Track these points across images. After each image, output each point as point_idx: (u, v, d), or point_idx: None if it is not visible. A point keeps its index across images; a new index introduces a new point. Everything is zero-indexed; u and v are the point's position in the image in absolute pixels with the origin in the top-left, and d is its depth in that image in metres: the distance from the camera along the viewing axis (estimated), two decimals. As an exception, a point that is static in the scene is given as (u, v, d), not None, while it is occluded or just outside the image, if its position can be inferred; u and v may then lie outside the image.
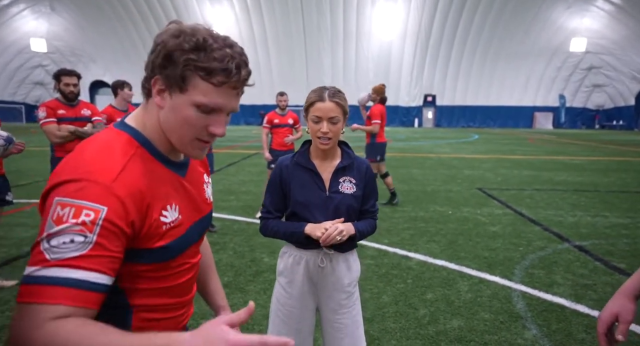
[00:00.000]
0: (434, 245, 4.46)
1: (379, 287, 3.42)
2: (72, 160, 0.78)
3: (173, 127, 0.86)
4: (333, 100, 1.55)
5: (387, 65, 35.66)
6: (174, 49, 0.80)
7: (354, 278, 1.72)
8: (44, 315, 0.66)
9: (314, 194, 1.61)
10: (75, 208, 0.70)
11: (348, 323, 1.69)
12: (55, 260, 0.68)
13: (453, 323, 2.86)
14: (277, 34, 34.22)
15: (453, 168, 10.42)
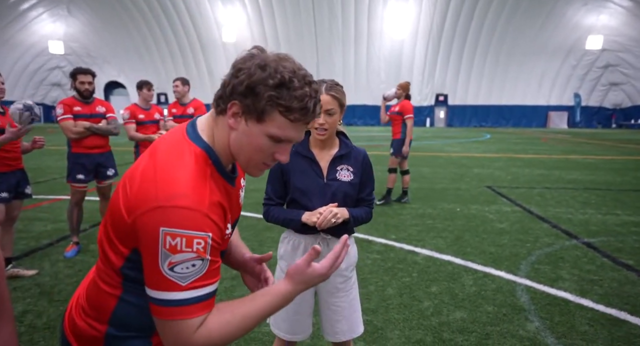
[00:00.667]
0: (440, 241, 4.50)
1: (384, 280, 3.48)
2: (162, 182, 0.80)
3: (244, 150, 0.90)
4: (329, 93, 1.63)
5: (398, 64, 35.54)
6: (259, 83, 0.83)
7: (351, 262, 1.79)
8: (193, 325, 0.81)
9: (313, 181, 1.68)
10: (187, 238, 0.78)
11: (345, 306, 1.76)
12: (187, 285, 0.80)
13: (456, 315, 2.91)
14: (289, 34, 34.40)
15: (463, 166, 10.39)
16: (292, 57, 0.89)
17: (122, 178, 0.89)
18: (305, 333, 1.82)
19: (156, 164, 0.83)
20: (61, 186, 6.94)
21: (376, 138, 20.97)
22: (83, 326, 0.93)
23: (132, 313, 0.91)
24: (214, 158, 0.90)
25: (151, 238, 0.79)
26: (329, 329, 1.80)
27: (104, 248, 0.90)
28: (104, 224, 0.91)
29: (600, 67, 35.88)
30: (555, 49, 34.86)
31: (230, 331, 0.84)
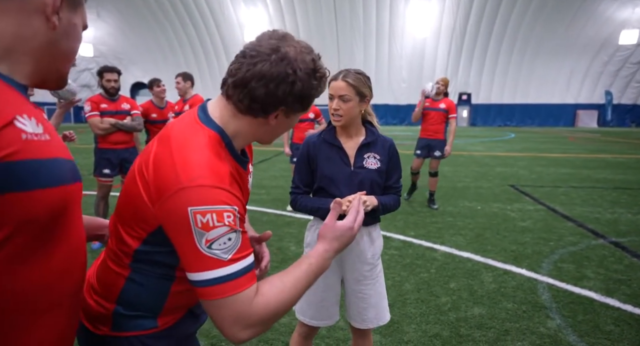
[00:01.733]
0: (460, 238, 4.44)
1: (402, 276, 3.46)
2: (182, 165, 0.82)
3: (276, 133, 1.01)
4: (345, 80, 1.64)
5: (420, 63, 35.11)
6: (310, 89, 0.92)
7: (377, 251, 1.80)
8: (249, 295, 0.83)
9: (340, 169, 1.70)
10: (217, 213, 0.80)
11: (372, 294, 1.78)
12: (230, 258, 0.82)
13: (474, 311, 2.87)
14: (310, 34, 34.48)
15: (485, 165, 10.20)
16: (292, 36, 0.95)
17: (136, 165, 0.90)
18: (331, 320, 1.84)
19: (172, 149, 0.85)
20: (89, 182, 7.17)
21: (398, 138, 20.81)
22: (92, 305, 0.96)
23: (139, 293, 0.93)
24: (227, 141, 0.93)
25: (182, 220, 0.79)
26: (357, 316, 1.81)
27: (118, 231, 0.92)
28: (119, 209, 0.94)
29: (634, 63, 34.43)
30: (586, 45, 33.69)
31: (285, 298, 0.86)
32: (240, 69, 0.88)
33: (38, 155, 0.64)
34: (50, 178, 0.65)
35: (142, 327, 0.94)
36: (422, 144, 5.82)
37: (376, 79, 36.00)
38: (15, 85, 0.67)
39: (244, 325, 0.82)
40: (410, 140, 19.49)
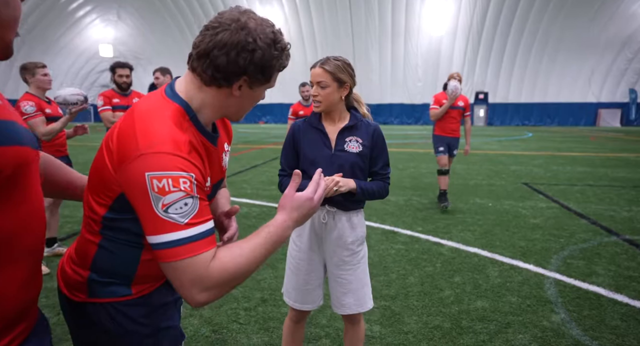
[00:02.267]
0: (468, 234, 4.41)
1: (407, 269, 3.46)
2: (142, 133, 0.86)
3: (242, 107, 1.03)
4: (322, 67, 1.68)
5: (436, 62, 34.73)
6: (271, 59, 0.94)
7: (358, 237, 1.80)
8: (206, 259, 0.85)
9: (321, 152, 1.73)
10: (172, 178, 0.83)
11: (352, 280, 1.79)
12: (187, 223, 0.84)
13: (477, 304, 2.85)
14: (326, 33, 34.49)
15: (500, 164, 10.05)
16: (253, 12, 0.96)
17: (104, 138, 0.95)
18: (315, 304, 1.86)
19: (134, 120, 0.90)
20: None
21: (411, 136, 20.66)
22: (70, 273, 1.01)
23: (110, 260, 0.98)
24: (191, 115, 0.96)
25: (139, 185, 0.83)
26: (336, 301, 1.83)
27: (88, 200, 0.98)
28: (89, 179, 0.99)
29: (660, 61, 33.34)
30: (608, 42, 32.78)
31: (242, 262, 0.88)
32: (202, 40, 0.92)
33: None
34: (3, 137, 0.68)
35: (116, 294, 0.98)
36: (444, 141, 5.57)
37: (391, 78, 35.78)
38: None
39: (201, 287, 0.85)
40: (425, 139, 19.32)
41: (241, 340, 2.42)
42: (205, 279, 0.85)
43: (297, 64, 35.23)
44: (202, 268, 0.84)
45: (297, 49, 34.83)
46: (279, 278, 3.24)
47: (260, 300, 2.91)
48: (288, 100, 36.66)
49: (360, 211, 1.85)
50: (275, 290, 3.07)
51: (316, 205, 1.01)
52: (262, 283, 3.18)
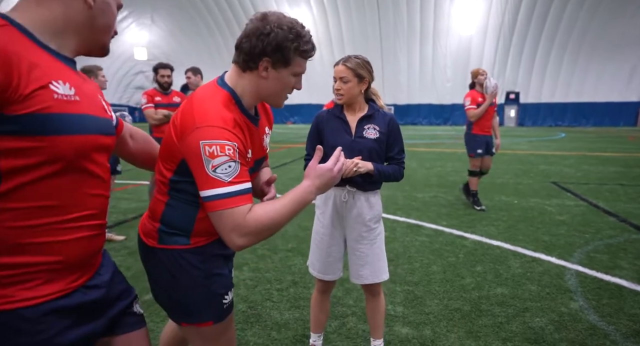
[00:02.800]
0: (492, 228, 4.50)
1: (430, 259, 3.61)
2: (198, 112, 1.10)
3: (274, 90, 1.23)
4: (344, 64, 1.90)
5: (465, 61, 34.23)
6: (283, 40, 1.14)
7: (375, 215, 2.01)
8: (243, 211, 1.07)
9: (343, 138, 1.95)
10: (219, 146, 1.06)
11: (368, 253, 1.99)
12: (230, 181, 1.07)
13: (497, 291, 2.99)
14: (354, 34, 34.64)
15: (528, 163, 9.95)
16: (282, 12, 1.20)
17: (172, 118, 1.22)
18: (335, 275, 2.08)
19: (193, 103, 1.15)
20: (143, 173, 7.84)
21: (439, 137, 20.54)
22: (147, 224, 1.29)
23: (175, 215, 1.23)
24: (236, 99, 1.20)
25: (195, 150, 1.07)
26: (354, 273, 2.04)
27: (159, 167, 1.24)
28: (160, 150, 1.25)
29: None
30: (649, 40, 31.33)
31: (272, 216, 1.09)
32: (239, 37, 1.19)
33: (64, 110, 0.87)
34: (67, 127, 0.87)
35: (178, 243, 1.24)
36: (482, 141, 5.39)
37: (420, 79, 35.54)
38: (60, 58, 0.92)
39: (239, 233, 1.07)
40: (454, 139, 19.18)
41: (274, 316, 2.65)
42: (242, 226, 1.07)
43: (325, 66, 35.52)
44: (240, 217, 1.06)
45: (325, 51, 35.13)
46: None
47: (291, 282, 3.14)
48: (315, 100, 37.01)
49: (377, 192, 2.06)
50: (304, 273, 3.29)
51: (335, 175, 1.22)
52: (293, 268, 3.42)
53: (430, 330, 2.46)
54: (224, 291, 1.30)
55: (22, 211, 0.86)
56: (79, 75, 0.98)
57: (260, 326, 2.51)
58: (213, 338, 1.31)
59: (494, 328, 2.48)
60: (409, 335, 2.41)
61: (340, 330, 2.49)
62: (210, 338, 1.31)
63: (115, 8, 1.02)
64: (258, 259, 3.61)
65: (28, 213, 0.86)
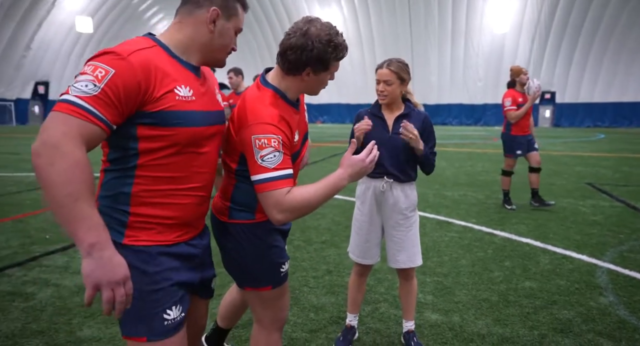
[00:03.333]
0: (522, 226, 4.55)
1: (459, 253, 3.73)
2: (250, 111, 1.33)
3: (315, 89, 1.47)
4: (388, 68, 2.08)
5: (498, 60, 33.43)
6: (325, 53, 1.35)
7: (410, 204, 2.18)
8: (283, 192, 1.27)
9: (380, 134, 2.13)
10: (267, 139, 1.28)
11: (404, 239, 2.17)
12: (274, 167, 1.28)
13: (525, 284, 3.08)
14: (384, 34, 34.53)
15: (562, 164, 9.75)
16: (319, 19, 1.40)
17: (230, 117, 1.42)
18: (373, 259, 2.27)
19: (246, 103, 1.38)
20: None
21: (470, 137, 20.26)
22: (219, 203, 1.51)
23: (240, 194, 1.45)
24: (281, 94, 1.42)
25: (248, 143, 1.30)
26: (391, 257, 2.22)
27: (224, 160, 1.47)
28: (223, 145, 1.44)
29: None
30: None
31: (307, 197, 1.29)
32: (282, 43, 1.38)
33: (184, 108, 1.16)
34: (187, 122, 1.16)
35: (245, 218, 1.46)
36: (522, 141, 5.33)
37: (450, 79, 34.99)
38: (187, 66, 1.22)
39: (278, 210, 1.28)
40: (484, 139, 18.89)
41: (311, 299, 2.86)
42: (281, 204, 1.27)
43: (355, 66, 35.63)
44: (281, 197, 1.27)
45: (355, 51, 35.17)
46: (341, 255, 3.66)
47: (326, 271, 3.34)
48: (345, 100, 37.14)
49: (413, 183, 2.23)
50: (338, 263, 3.49)
51: (367, 165, 1.39)
52: (327, 259, 3.62)
53: (459, 317, 2.60)
54: (282, 261, 1.53)
55: (152, 178, 1.17)
56: (200, 78, 1.26)
57: (299, 308, 2.72)
58: (270, 302, 1.54)
59: (521, 317, 2.60)
60: (438, 321, 2.57)
61: (374, 314, 2.67)
62: (268, 301, 1.54)
63: (233, 32, 1.29)
64: (294, 249, 3.83)
65: (155, 180, 1.18)
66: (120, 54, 1.07)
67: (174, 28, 1.24)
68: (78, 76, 1.06)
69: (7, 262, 3.44)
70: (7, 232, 4.25)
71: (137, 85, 1.07)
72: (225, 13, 1.25)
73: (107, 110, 1.04)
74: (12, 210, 5.17)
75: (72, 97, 1.01)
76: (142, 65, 1.08)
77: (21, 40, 29.27)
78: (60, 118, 0.99)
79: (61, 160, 0.95)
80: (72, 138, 0.98)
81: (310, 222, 4.72)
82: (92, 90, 1.02)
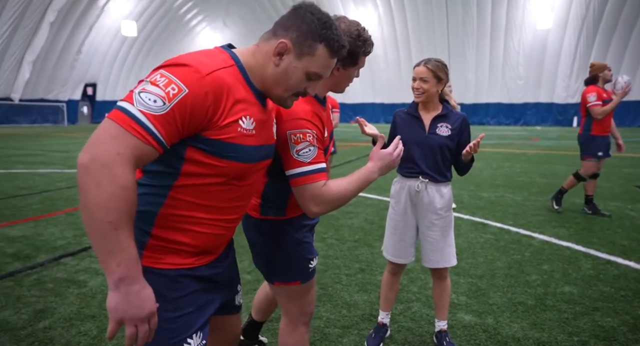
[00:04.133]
0: (562, 230, 4.39)
1: (495, 255, 3.65)
2: (287, 111, 1.32)
3: (343, 84, 1.51)
4: (425, 66, 2.08)
5: (540, 57, 32.06)
6: (354, 48, 1.40)
7: (445, 204, 2.18)
8: (320, 185, 1.31)
9: (416, 134, 2.15)
10: (302, 134, 1.31)
11: (439, 239, 2.17)
12: (309, 161, 1.31)
13: (565, 289, 2.98)
14: (420, 33, 33.97)
15: (610, 166, 9.26)
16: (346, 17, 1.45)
17: None
18: (407, 258, 2.28)
19: None
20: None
21: (509, 137, 19.60)
22: (253, 201, 1.54)
23: (272, 192, 1.49)
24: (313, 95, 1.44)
25: (284, 138, 1.32)
26: (425, 257, 2.22)
27: None
28: None
29: None
30: None
31: (341, 190, 1.33)
32: None
33: (242, 142, 1.08)
34: (241, 157, 1.09)
35: (276, 214, 1.51)
36: (603, 143, 4.95)
37: (489, 77, 33.93)
38: (257, 95, 1.14)
39: (315, 202, 1.31)
40: (523, 139, 18.20)
41: (344, 296, 2.90)
42: (318, 197, 1.31)
43: (390, 65, 35.32)
44: (317, 190, 1.31)
45: (390, 50, 34.84)
46: (374, 254, 3.68)
47: (358, 269, 3.38)
48: (380, 100, 36.86)
49: (448, 183, 2.22)
50: (371, 262, 3.51)
51: (395, 158, 1.44)
52: (360, 257, 3.65)
53: (493, 319, 2.57)
54: (310, 256, 1.57)
55: (185, 202, 1.08)
56: (265, 108, 1.19)
57: (331, 305, 2.77)
58: (298, 296, 1.59)
59: (560, 323, 2.53)
60: (472, 322, 2.54)
61: (406, 312, 2.68)
62: (295, 296, 1.58)
63: (304, 74, 1.14)
64: (327, 247, 3.89)
65: (188, 205, 1.09)
66: (199, 71, 0.98)
67: (250, 50, 1.16)
68: (146, 83, 0.96)
69: (62, 252, 3.70)
70: (61, 224, 4.56)
71: (205, 111, 0.99)
72: (297, 50, 1.11)
73: (167, 131, 0.95)
74: (64, 204, 5.53)
75: (136, 111, 0.92)
76: (216, 89, 1.00)
77: (74, 45, 30.98)
78: (117, 134, 0.90)
79: (109, 183, 0.86)
80: (126, 160, 0.89)
81: (343, 221, 4.76)
82: (160, 109, 0.93)
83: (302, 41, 1.11)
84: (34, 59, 28.24)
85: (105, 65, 35.31)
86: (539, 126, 31.61)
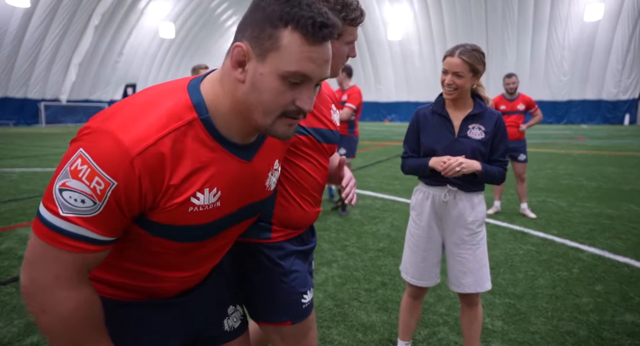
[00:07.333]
0: (617, 242, 3.86)
1: (536, 271, 3.22)
2: None
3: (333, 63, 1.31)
4: (460, 57, 1.70)
5: (588, 52, 30.06)
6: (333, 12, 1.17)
7: (478, 217, 1.81)
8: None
9: (443, 137, 1.79)
10: None
11: (470, 259, 1.80)
12: None
13: (625, 317, 2.53)
14: (456, 28, 32.75)
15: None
16: None
17: None
18: (431, 281, 1.92)
19: None
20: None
21: (551, 136, 18.45)
22: None
23: None
24: None
25: None
26: (455, 280, 1.86)
27: None
28: None
29: None
30: None
31: None
32: None
33: (194, 222, 0.85)
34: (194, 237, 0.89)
35: (259, 237, 1.23)
36: None
37: (530, 73, 32.27)
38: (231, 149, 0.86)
39: None
40: (567, 139, 17.05)
41: (361, 316, 2.59)
42: None
43: (425, 61, 34.32)
44: None
45: (425, 46, 33.90)
46: (399, 265, 3.32)
47: (380, 283, 3.05)
48: (414, 98, 35.90)
49: (481, 193, 1.86)
50: (395, 275, 3.17)
51: None
52: (383, 269, 3.31)
53: (536, 352, 2.18)
54: (302, 290, 1.25)
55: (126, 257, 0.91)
56: (250, 161, 0.92)
57: (345, 326, 2.46)
58: (293, 339, 1.26)
59: (619, 361, 2.10)
60: (510, 355, 2.16)
61: (430, 339, 2.33)
62: (289, 339, 1.26)
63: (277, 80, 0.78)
64: (348, 256, 3.58)
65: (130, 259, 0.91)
66: (127, 151, 0.73)
67: (217, 76, 0.85)
68: (65, 174, 0.73)
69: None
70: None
71: (142, 197, 0.78)
72: (257, 49, 0.77)
73: (110, 228, 0.77)
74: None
75: (61, 222, 0.73)
76: (152, 170, 0.76)
77: (116, 47, 32.22)
78: (49, 255, 0.74)
79: (54, 309, 0.76)
80: (68, 279, 0.76)
81: (368, 227, 4.44)
82: (91, 210, 0.73)
83: (258, 35, 0.76)
84: (79, 62, 29.63)
85: (144, 67, 36.42)
86: (585, 124, 29.77)
